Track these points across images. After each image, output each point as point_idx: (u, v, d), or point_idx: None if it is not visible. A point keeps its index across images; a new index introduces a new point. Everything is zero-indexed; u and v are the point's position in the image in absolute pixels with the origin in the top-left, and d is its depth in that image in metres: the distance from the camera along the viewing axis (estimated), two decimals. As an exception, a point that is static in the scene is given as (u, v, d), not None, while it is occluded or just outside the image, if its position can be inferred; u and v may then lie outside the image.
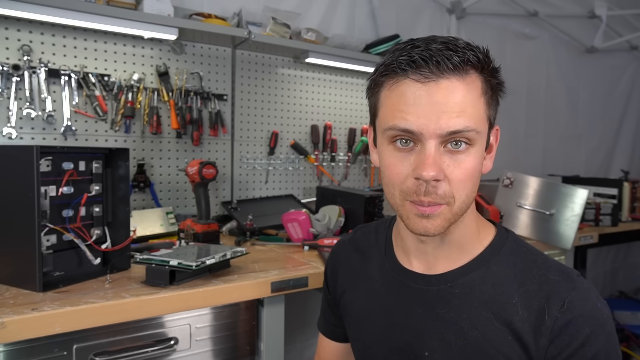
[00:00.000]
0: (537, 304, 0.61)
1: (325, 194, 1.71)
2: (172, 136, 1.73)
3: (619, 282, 3.47)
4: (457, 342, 0.65)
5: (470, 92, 0.59)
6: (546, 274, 0.63)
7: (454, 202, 0.60)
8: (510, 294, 0.63)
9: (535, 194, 1.68)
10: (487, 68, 0.61)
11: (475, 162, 0.60)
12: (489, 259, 0.67)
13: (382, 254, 0.77)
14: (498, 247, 0.68)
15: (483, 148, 0.63)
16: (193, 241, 1.33)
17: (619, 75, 3.51)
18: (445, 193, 0.59)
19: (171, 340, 0.99)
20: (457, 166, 0.59)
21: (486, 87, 0.61)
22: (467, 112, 0.58)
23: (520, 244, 0.69)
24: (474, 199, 0.65)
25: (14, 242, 0.96)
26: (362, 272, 0.79)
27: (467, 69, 0.59)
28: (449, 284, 0.67)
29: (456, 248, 0.68)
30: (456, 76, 0.58)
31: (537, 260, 0.65)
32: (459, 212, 0.62)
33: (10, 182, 0.95)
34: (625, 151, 3.60)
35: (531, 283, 0.63)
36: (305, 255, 1.32)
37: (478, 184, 0.63)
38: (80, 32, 1.54)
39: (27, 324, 0.79)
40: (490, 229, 0.71)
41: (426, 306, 0.68)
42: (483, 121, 0.61)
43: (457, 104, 0.58)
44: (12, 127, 1.42)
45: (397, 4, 2.31)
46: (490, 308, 0.64)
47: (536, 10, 2.79)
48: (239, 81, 1.88)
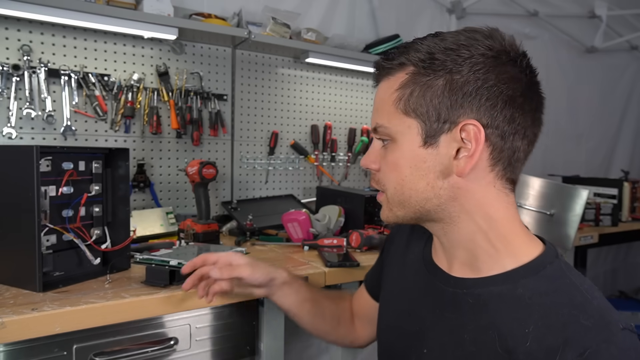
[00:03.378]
0: (551, 342, 0.53)
1: (325, 194, 1.71)
2: (172, 136, 1.73)
3: (619, 282, 3.47)
4: (455, 350, 0.62)
5: (386, 90, 0.64)
6: (578, 316, 0.53)
7: (386, 191, 0.67)
8: (526, 323, 0.56)
9: (535, 194, 1.68)
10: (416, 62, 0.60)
11: (396, 156, 0.63)
12: (518, 279, 0.59)
13: (424, 241, 0.77)
14: (536, 269, 0.59)
15: (414, 143, 0.61)
16: (193, 241, 1.33)
17: (619, 75, 3.51)
18: (380, 180, 0.68)
19: (171, 340, 0.99)
20: (384, 158, 0.66)
21: (409, 82, 0.61)
22: (378, 110, 0.65)
23: (566, 275, 0.59)
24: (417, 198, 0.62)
25: (14, 242, 0.95)
26: (405, 253, 0.81)
27: (394, 68, 0.63)
28: (465, 290, 0.63)
29: (466, 253, 0.65)
30: (385, 79, 0.65)
31: (575, 298, 0.55)
32: (397, 202, 0.66)
33: (10, 182, 0.95)
34: (625, 151, 3.60)
35: (556, 319, 0.54)
36: (305, 255, 1.32)
37: (418, 182, 0.62)
38: (80, 32, 1.54)
39: (27, 324, 0.79)
40: (530, 247, 0.62)
41: (438, 305, 0.67)
42: (396, 116, 0.62)
43: (377, 103, 0.66)
44: (12, 127, 1.42)
45: (397, 4, 2.31)
46: (498, 330, 0.58)
47: (536, 10, 2.79)
48: (239, 81, 1.88)
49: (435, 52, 0.59)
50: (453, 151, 0.60)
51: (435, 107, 0.59)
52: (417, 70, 0.60)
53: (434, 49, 0.59)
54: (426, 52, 0.60)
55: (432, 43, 0.60)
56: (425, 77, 0.60)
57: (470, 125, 0.59)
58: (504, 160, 0.61)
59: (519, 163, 0.63)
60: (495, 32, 0.60)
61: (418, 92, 0.60)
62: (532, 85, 0.61)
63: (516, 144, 0.61)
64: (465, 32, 0.60)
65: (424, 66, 0.60)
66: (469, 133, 0.59)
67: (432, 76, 0.59)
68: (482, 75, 0.58)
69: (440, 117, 0.59)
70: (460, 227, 0.64)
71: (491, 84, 0.58)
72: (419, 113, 0.60)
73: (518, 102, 0.59)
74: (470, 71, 0.58)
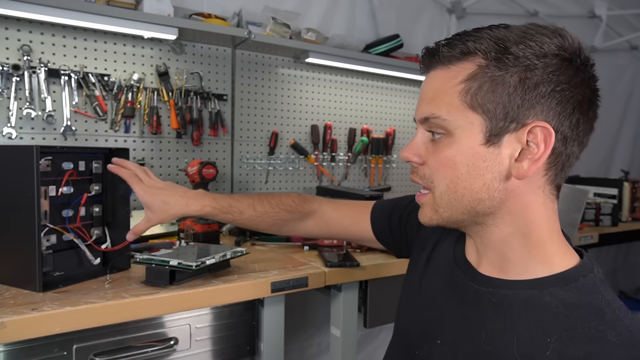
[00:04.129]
0: (573, 354, 0.51)
1: (325, 194, 1.71)
2: (172, 136, 1.73)
3: (619, 282, 3.47)
4: (469, 346, 0.61)
5: (448, 80, 0.59)
6: (606, 332, 0.51)
7: (434, 189, 0.62)
8: (549, 332, 0.54)
9: (535, 194, 1.69)
10: (487, 54, 0.56)
11: (451, 152, 0.59)
12: (548, 287, 0.57)
13: (458, 233, 0.75)
14: (568, 279, 0.57)
15: (474, 141, 0.58)
16: (193, 241, 1.33)
17: (619, 75, 3.50)
18: (425, 175, 0.63)
19: (171, 340, 0.99)
20: (433, 153, 0.61)
21: (478, 75, 0.57)
22: (435, 99, 0.60)
23: (599, 290, 0.56)
24: (470, 198, 0.59)
25: (14, 242, 0.95)
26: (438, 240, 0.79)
27: (459, 56, 0.58)
28: (491, 289, 0.61)
29: (498, 255, 0.63)
30: (441, 66, 0.60)
31: (606, 315, 0.53)
32: (444, 203, 0.61)
33: (10, 182, 0.95)
34: (625, 151, 3.60)
35: (581, 332, 0.52)
36: (305, 255, 1.32)
37: (474, 182, 0.59)
38: (80, 32, 1.54)
39: (27, 324, 0.79)
40: (566, 257, 0.60)
41: (459, 299, 0.66)
42: (459, 110, 0.58)
43: (431, 92, 0.61)
44: (12, 127, 1.43)
45: (397, 4, 2.31)
46: (519, 333, 0.56)
47: (536, 10, 2.79)
48: (239, 81, 1.88)
49: (509, 46, 0.55)
50: (516, 152, 0.57)
51: (505, 104, 0.56)
52: (488, 63, 0.56)
53: (507, 42, 0.55)
54: (499, 44, 0.56)
55: (503, 34, 0.56)
56: (497, 70, 0.56)
57: (539, 127, 0.56)
58: (559, 166, 0.59)
59: (570, 169, 0.61)
60: (564, 31, 0.57)
61: (488, 87, 0.56)
62: (596, 91, 0.59)
63: (573, 150, 0.59)
64: (535, 27, 0.57)
65: (497, 59, 0.56)
66: (536, 135, 0.56)
67: (504, 71, 0.56)
68: (556, 76, 0.55)
69: (508, 115, 0.56)
70: (499, 229, 0.61)
71: (564, 87, 0.55)
72: (486, 109, 0.57)
73: (584, 109, 0.57)
74: (544, 71, 0.55)
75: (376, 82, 2.28)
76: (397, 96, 2.36)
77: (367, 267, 1.18)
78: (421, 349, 0.68)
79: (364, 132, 2.22)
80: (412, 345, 0.71)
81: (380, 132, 2.30)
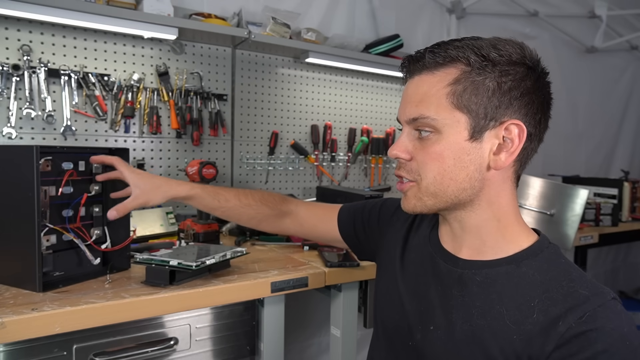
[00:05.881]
0: (555, 312, 0.60)
1: (325, 194, 1.71)
2: (172, 136, 1.73)
3: (619, 282, 3.47)
4: (463, 325, 0.67)
5: (435, 84, 0.66)
6: (576, 288, 0.61)
7: (421, 181, 0.69)
8: (531, 297, 0.63)
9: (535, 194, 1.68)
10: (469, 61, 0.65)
11: (440, 148, 0.66)
12: (521, 260, 0.67)
13: (431, 225, 0.82)
14: (535, 252, 0.68)
15: (459, 137, 0.66)
16: (193, 241, 1.33)
17: (619, 75, 3.51)
18: (412, 169, 0.69)
19: (171, 340, 0.99)
20: (422, 149, 0.68)
21: (461, 78, 0.65)
22: (424, 101, 0.66)
23: (560, 257, 0.68)
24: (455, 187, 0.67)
25: (13, 242, 0.95)
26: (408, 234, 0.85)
27: (442, 62, 0.66)
28: (473, 271, 0.69)
29: (476, 238, 0.71)
30: (426, 71, 0.67)
31: (571, 274, 0.64)
32: (430, 193, 0.68)
33: (10, 182, 0.95)
34: (625, 151, 3.60)
35: (557, 292, 0.62)
36: (305, 255, 1.32)
37: (459, 172, 0.66)
38: (80, 32, 1.54)
39: (27, 324, 0.79)
40: (529, 235, 0.71)
41: (445, 284, 0.72)
42: (447, 110, 0.65)
43: (418, 94, 0.67)
44: (12, 127, 1.43)
45: (397, 4, 2.31)
46: (506, 304, 0.64)
47: (536, 10, 2.79)
48: (239, 81, 1.88)
49: (486, 54, 0.64)
50: (494, 147, 0.66)
51: (485, 105, 0.65)
52: (470, 69, 0.65)
53: (484, 51, 0.64)
54: (479, 53, 0.64)
55: (479, 44, 0.65)
56: (478, 76, 0.65)
57: (513, 125, 0.66)
58: (523, 159, 0.70)
59: (528, 161, 0.72)
60: (524, 44, 0.67)
61: (470, 90, 0.65)
62: (551, 95, 0.71)
63: (535, 145, 0.70)
64: (501, 40, 0.66)
65: (478, 66, 0.64)
66: (511, 132, 0.66)
67: (484, 76, 0.64)
68: (524, 82, 0.65)
69: (488, 115, 0.65)
70: (477, 214, 0.70)
71: (530, 90, 0.66)
72: (470, 109, 0.65)
73: (545, 109, 0.69)
74: (515, 77, 0.65)
75: (376, 82, 2.28)
76: (397, 96, 2.35)
77: (367, 267, 1.18)
78: (414, 339, 0.73)
79: (364, 132, 2.22)
80: (401, 339, 0.76)
81: (380, 132, 2.30)
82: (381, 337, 0.84)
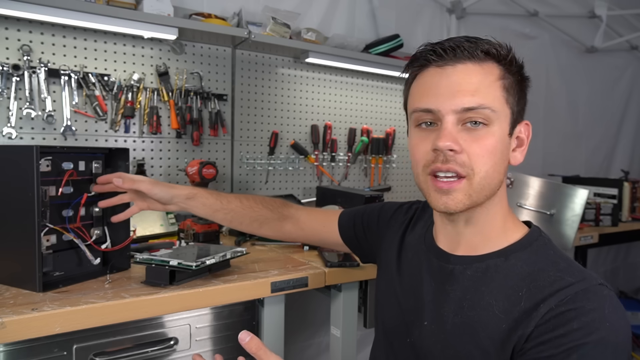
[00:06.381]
0: (541, 297, 0.61)
1: (325, 194, 1.71)
2: (172, 136, 1.73)
3: (619, 282, 3.47)
4: (454, 318, 0.68)
5: (487, 75, 0.65)
6: (563, 276, 0.62)
7: (474, 176, 0.65)
8: (519, 287, 0.64)
9: (535, 194, 1.68)
10: (505, 60, 0.66)
11: (494, 141, 0.65)
12: (510, 254, 0.68)
13: (427, 226, 0.83)
14: (524, 245, 0.69)
15: (504, 131, 0.67)
16: (193, 241, 1.33)
17: (619, 75, 3.51)
18: (465, 162, 0.65)
19: (171, 340, 0.99)
20: (474, 141, 0.65)
21: (504, 75, 0.66)
22: (481, 91, 0.64)
23: (549, 247, 0.69)
24: (497, 181, 0.67)
25: (13, 242, 0.95)
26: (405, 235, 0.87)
27: (482, 56, 0.66)
28: (464, 266, 0.71)
29: (478, 236, 0.71)
30: (472, 61, 0.66)
31: (559, 264, 0.65)
32: (479, 188, 0.66)
33: (10, 182, 0.95)
34: (625, 151, 3.60)
35: (544, 281, 0.63)
36: (305, 255, 1.32)
37: (501, 166, 0.67)
38: (80, 32, 1.54)
39: (27, 324, 0.79)
40: (520, 228, 0.73)
41: (438, 281, 0.73)
42: (500, 103, 0.66)
43: (472, 84, 0.64)
44: (12, 127, 1.42)
45: (397, 4, 2.31)
46: (495, 296, 0.65)
47: (536, 10, 2.79)
48: (239, 81, 1.88)
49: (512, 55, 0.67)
50: (514, 143, 0.70)
51: (516, 102, 0.68)
52: (503, 66, 0.67)
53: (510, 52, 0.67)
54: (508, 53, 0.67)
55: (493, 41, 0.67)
56: (510, 73, 0.67)
57: (526, 124, 0.71)
58: None
59: None
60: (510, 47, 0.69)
61: (510, 85, 0.67)
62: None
63: None
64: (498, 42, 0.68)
65: (508, 64, 0.67)
66: (523, 130, 0.70)
67: (511, 75, 0.67)
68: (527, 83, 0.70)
69: (515, 110, 0.68)
70: (488, 210, 0.70)
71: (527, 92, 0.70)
72: (511, 104, 0.67)
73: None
74: (524, 77, 0.69)
75: (376, 82, 2.28)
76: (397, 96, 2.35)
77: (367, 267, 1.18)
78: (410, 336, 0.75)
79: (364, 132, 2.22)
80: (399, 337, 0.78)
81: (380, 132, 2.30)
82: (381, 336, 0.85)
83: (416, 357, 0.74)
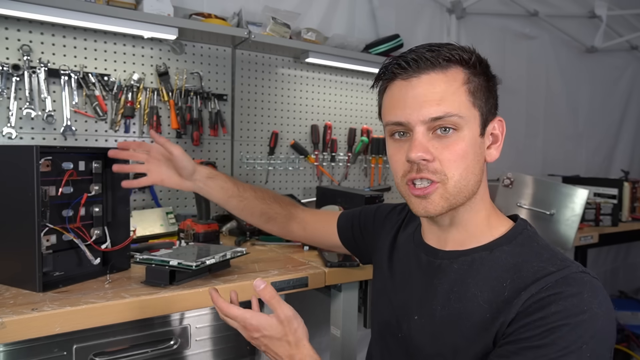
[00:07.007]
0: (523, 286, 0.63)
1: (325, 194, 1.71)
2: (172, 136, 1.73)
3: (619, 282, 3.47)
4: (442, 311, 0.71)
5: (451, 83, 0.67)
6: (546, 266, 0.64)
7: (447, 181, 0.68)
8: (504, 278, 0.66)
9: (535, 194, 1.68)
10: (469, 63, 0.69)
11: (464, 145, 0.67)
12: (495, 247, 0.71)
13: (416, 224, 0.86)
14: (509, 238, 0.71)
15: (474, 133, 0.69)
16: (193, 241, 1.33)
17: (619, 75, 3.51)
18: (437, 170, 0.67)
19: (171, 340, 0.99)
20: (445, 148, 0.67)
21: (469, 79, 0.68)
22: (446, 100, 0.67)
23: (534, 240, 0.71)
24: (473, 182, 0.69)
25: (13, 242, 0.95)
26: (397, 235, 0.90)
27: (445, 64, 0.67)
28: (451, 260, 0.73)
29: (464, 232, 0.74)
30: (435, 71, 0.68)
31: (543, 255, 0.67)
32: (456, 191, 0.68)
33: (10, 182, 0.95)
34: (625, 151, 3.60)
35: (527, 271, 0.65)
36: (305, 255, 1.32)
37: (475, 167, 0.69)
38: (80, 32, 1.54)
39: (27, 324, 0.79)
40: (505, 223, 0.75)
41: (427, 275, 0.76)
42: (467, 108, 0.68)
43: (437, 93, 0.67)
44: (12, 127, 1.42)
45: (397, 4, 2.31)
46: (480, 287, 0.68)
47: (536, 10, 2.79)
48: (239, 81, 1.88)
49: (476, 57, 0.70)
50: (489, 141, 0.72)
51: (485, 102, 0.70)
52: (468, 70, 0.69)
53: (468, 54, 0.69)
54: (471, 55, 0.69)
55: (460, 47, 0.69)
56: (475, 76, 0.69)
57: (497, 120, 0.73)
58: None
59: None
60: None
61: (476, 88, 0.69)
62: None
63: None
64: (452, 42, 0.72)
65: (473, 66, 0.69)
66: (496, 127, 0.73)
67: (478, 76, 0.70)
68: (493, 81, 0.72)
69: (488, 111, 0.71)
70: (471, 208, 0.73)
71: (495, 88, 0.72)
72: (478, 106, 0.69)
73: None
74: (490, 76, 0.71)
75: (376, 82, 2.28)
76: (397, 96, 2.35)
77: (366, 267, 1.18)
78: (401, 331, 0.77)
79: (364, 132, 2.22)
80: (391, 333, 0.80)
81: (380, 132, 2.30)
82: (376, 334, 0.87)
83: (407, 351, 0.76)
